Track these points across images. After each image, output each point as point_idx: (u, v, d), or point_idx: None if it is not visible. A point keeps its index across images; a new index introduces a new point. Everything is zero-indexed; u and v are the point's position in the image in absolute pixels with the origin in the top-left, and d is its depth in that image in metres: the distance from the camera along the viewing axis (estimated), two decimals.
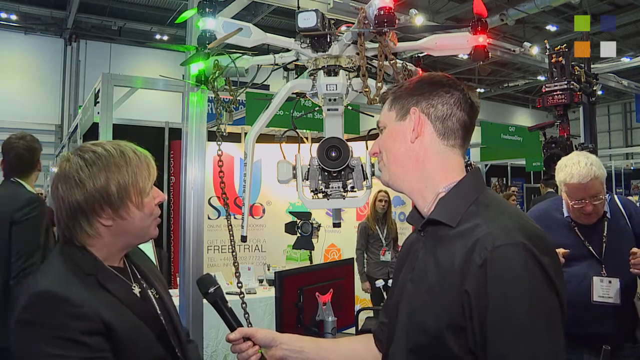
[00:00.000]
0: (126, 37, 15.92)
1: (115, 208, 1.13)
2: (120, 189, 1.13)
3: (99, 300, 1.09)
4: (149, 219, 1.21)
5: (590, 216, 2.06)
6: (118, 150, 1.17)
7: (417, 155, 1.07)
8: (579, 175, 1.97)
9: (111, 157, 1.15)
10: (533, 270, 0.88)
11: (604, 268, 2.07)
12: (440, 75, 1.12)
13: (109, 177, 1.13)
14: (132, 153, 1.19)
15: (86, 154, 1.15)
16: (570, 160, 2.04)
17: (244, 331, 1.25)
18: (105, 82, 3.58)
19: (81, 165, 1.13)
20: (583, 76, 3.01)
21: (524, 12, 11.23)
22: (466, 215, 0.99)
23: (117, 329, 1.08)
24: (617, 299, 2.03)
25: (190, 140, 2.15)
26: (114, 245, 1.19)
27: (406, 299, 1.05)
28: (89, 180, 1.11)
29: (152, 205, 1.21)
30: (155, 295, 1.29)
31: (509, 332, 0.87)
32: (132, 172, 1.16)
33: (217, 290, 1.28)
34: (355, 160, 1.79)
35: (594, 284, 2.06)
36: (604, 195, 2.05)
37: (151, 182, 1.21)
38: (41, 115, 15.48)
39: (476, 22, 1.85)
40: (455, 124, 1.06)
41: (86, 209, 1.12)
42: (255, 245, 5.74)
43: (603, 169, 2.02)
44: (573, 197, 2.05)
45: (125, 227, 1.17)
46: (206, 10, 1.77)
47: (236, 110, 2.54)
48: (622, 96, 20.96)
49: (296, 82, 1.91)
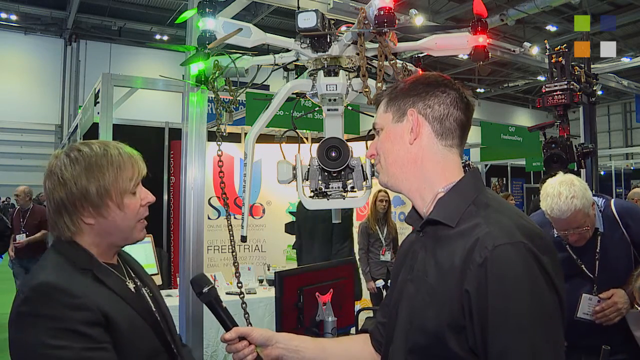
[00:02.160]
0: (126, 37, 15.94)
1: (95, 207, 1.15)
2: (100, 188, 1.14)
3: (96, 293, 1.10)
4: (132, 220, 1.20)
5: (577, 242, 2.03)
6: (102, 149, 1.18)
7: (415, 157, 1.07)
8: (559, 210, 1.91)
9: (94, 157, 1.16)
10: (533, 270, 0.89)
11: (596, 287, 2.03)
12: (435, 74, 1.11)
13: (89, 176, 1.14)
14: (117, 153, 1.19)
15: (72, 153, 1.17)
16: (553, 189, 1.95)
17: (240, 330, 1.25)
18: (105, 82, 3.58)
19: (66, 163, 1.15)
20: (583, 76, 3.01)
21: (524, 12, 11.24)
22: (465, 215, 0.99)
23: (115, 320, 1.09)
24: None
25: (190, 140, 2.15)
26: (101, 245, 1.20)
27: (406, 299, 1.05)
28: (71, 178, 1.13)
29: (136, 205, 1.21)
30: (149, 294, 1.30)
31: (509, 331, 0.87)
32: (114, 171, 1.16)
33: (211, 290, 1.27)
34: (355, 161, 1.79)
35: (581, 300, 2.03)
36: (589, 222, 1.99)
37: (134, 182, 1.20)
38: (41, 115, 15.49)
39: (476, 22, 1.85)
40: (452, 124, 1.06)
41: (69, 207, 1.14)
42: (255, 245, 5.74)
43: (587, 198, 1.93)
44: (556, 227, 2.03)
45: (107, 226, 1.17)
46: (206, 10, 1.77)
47: (236, 111, 2.54)
48: (622, 96, 20.99)
49: (296, 82, 1.91)
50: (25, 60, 15.51)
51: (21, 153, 15.27)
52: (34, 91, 15.53)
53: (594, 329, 2.01)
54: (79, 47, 15.88)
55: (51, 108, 15.76)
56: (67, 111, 15.83)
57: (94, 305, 1.06)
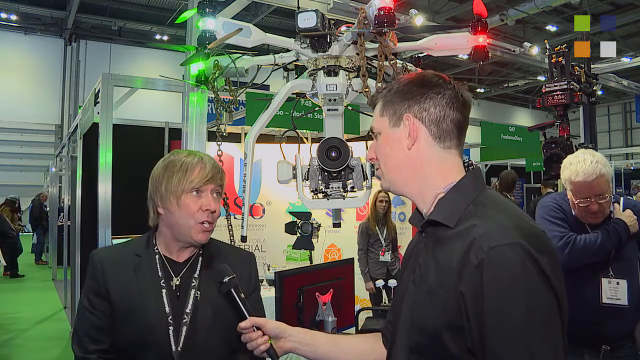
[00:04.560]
0: (126, 37, 15.92)
1: (162, 199, 1.39)
2: (169, 184, 1.38)
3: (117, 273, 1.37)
4: (188, 218, 1.37)
5: (596, 215, 2.03)
6: (184, 155, 1.43)
7: (414, 161, 1.06)
8: (585, 173, 1.94)
9: (172, 159, 1.42)
10: (530, 270, 0.88)
11: (612, 269, 2.05)
12: (429, 74, 1.10)
13: (164, 174, 1.40)
14: (191, 159, 1.41)
15: (167, 155, 1.46)
16: (576, 158, 2.01)
17: (255, 320, 1.28)
18: (105, 82, 3.57)
19: (159, 164, 1.44)
20: (583, 76, 3.01)
21: (524, 12, 11.24)
22: (464, 215, 0.99)
23: (114, 300, 1.34)
24: (625, 301, 2.01)
25: (190, 140, 2.15)
26: (167, 235, 1.42)
27: (408, 299, 1.06)
28: (156, 175, 1.42)
29: (194, 207, 1.37)
30: (198, 298, 1.40)
31: (506, 333, 0.86)
32: (182, 172, 1.38)
33: (232, 280, 1.31)
34: (355, 161, 1.79)
35: (602, 285, 2.04)
36: (609, 194, 2.02)
37: (195, 184, 1.38)
38: (41, 115, 15.48)
39: (476, 22, 1.85)
40: (449, 125, 1.05)
41: (153, 197, 1.42)
42: (255, 245, 5.73)
43: (609, 167, 1.99)
44: (578, 195, 2.02)
45: (170, 219, 1.39)
46: (206, 10, 1.77)
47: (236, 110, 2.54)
48: (622, 96, 20.99)
49: (296, 82, 1.91)
50: (25, 60, 15.50)
51: (21, 153, 15.28)
52: (34, 91, 15.53)
53: (616, 314, 2.02)
54: (79, 47, 15.87)
55: (51, 108, 15.75)
56: (67, 111, 15.82)
57: (102, 280, 1.35)
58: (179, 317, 1.36)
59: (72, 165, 6.29)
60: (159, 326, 1.33)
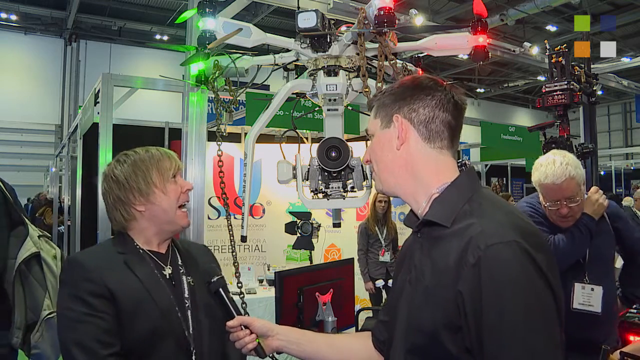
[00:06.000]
0: (126, 37, 15.91)
1: (144, 195, 1.40)
2: (146, 178, 1.40)
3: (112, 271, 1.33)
4: (175, 202, 1.43)
5: (567, 219, 1.98)
6: (144, 151, 1.46)
7: (405, 162, 1.07)
8: (553, 175, 1.89)
9: (138, 155, 1.43)
10: (527, 268, 0.88)
11: (587, 274, 2.00)
12: (422, 77, 1.11)
13: (136, 171, 1.40)
14: (155, 151, 1.46)
15: (120, 158, 1.45)
16: (546, 159, 1.96)
17: (242, 319, 1.31)
18: (105, 82, 3.57)
19: (116, 166, 1.43)
20: (583, 76, 3.00)
21: (524, 12, 11.24)
22: (460, 214, 0.99)
23: (119, 297, 1.30)
24: (599, 308, 1.95)
25: (190, 140, 2.15)
26: (149, 230, 1.44)
27: (404, 299, 1.06)
28: (123, 176, 1.41)
29: (177, 191, 1.45)
30: (191, 283, 1.46)
31: (504, 331, 0.87)
32: (155, 164, 1.42)
33: (219, 279, 1.36)
34: (355, 161, 1.79)
35: (574, 290, 1.98)
36: (581, 197, 1.96)
37: (172, 171, 1.45)
38: (41, 115, 15.46)
39: (476, 22, 1.85)
40: (439, 126, 1.05)
41: (123, 199, 1.40)
42: (255, 245, 5.73)
43: (580, 169, 1.93)
44: (547, 198, 1.98)
45: (155, 210, 1.42)
46: (206, 10, 1.77)
47: (236, 110, 2.54)
48: (622, 96, 20.98)
49: (296, 82, 1.91)
50: (25, 60, 15.48)
51: (21, 153, 15.27)
52: (34, 91, 15.51)
53: (592, 322, 1.97)
54: (79, 47, 15.85)
55: (51, 108, 15.73)
56: (67, 111, 15.80)
57: (99, 279, 1.30)
58: (181, 303, 1.41)
59: (72, 165, 6.29)
60: (170, 312, 1.36)
